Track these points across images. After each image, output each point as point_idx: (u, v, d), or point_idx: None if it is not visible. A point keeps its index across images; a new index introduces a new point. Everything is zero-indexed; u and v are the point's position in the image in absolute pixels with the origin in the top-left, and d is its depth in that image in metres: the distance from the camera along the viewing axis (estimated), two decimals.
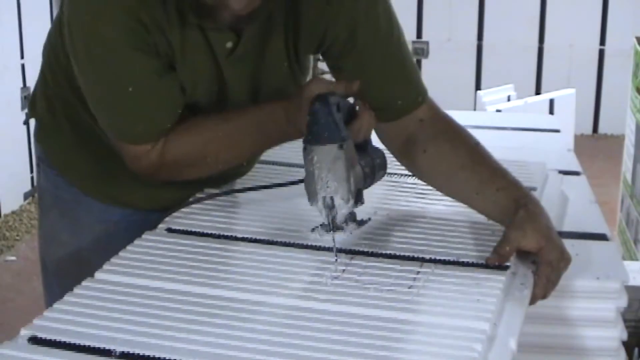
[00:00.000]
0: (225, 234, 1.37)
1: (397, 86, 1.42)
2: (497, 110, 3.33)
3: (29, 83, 3.93)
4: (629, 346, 1.50)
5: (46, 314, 1.12)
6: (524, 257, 1.29)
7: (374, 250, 1.31)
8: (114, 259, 1.27)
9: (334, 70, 1.44)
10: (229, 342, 1.05)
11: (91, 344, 1.04)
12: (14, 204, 3.94)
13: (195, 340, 1.05)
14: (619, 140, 3.82)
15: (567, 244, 1.31)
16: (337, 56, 1.41)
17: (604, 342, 1.37)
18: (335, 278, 1.22)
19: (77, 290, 1.18)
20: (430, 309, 1.16)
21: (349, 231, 1.28)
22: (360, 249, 1.31)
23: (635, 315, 1.81)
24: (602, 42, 5.01)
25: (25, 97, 3.89)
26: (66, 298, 1.16)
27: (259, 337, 1.06)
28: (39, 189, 1.63)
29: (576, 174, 1.79)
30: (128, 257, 1.28)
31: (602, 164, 4.21)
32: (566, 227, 1.51)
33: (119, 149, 1.40)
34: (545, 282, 1.26)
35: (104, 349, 1.03)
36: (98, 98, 1.36)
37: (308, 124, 1.22)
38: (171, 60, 1.34)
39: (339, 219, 1.25)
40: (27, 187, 4.02)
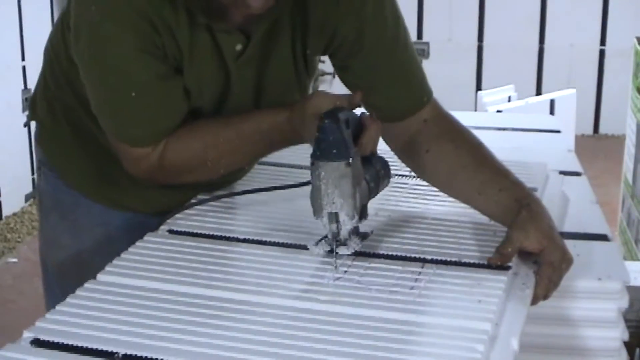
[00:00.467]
0: (227, 235, 1.38)
1: (403, 87, 1.42)
2: (497, 111, 3.33)
3: (29, 85, 3.94)
4: (630, 346, 1.50)
5: (48, 316, 1.12)
6: (525, 257, 1.29)
7: (376, 251, 1.31)
8: (115, 261, 1.27)
9: (340, 71, 1.44)
10: (232, 344, 1.05)
11: (94, 346, 1.04)
12: (15, 205, 3.94)
13: (198, 342, 1.05)
14: (619, 140, 3.82)
15: (569, 245, 1.31)
16: (345, 56, 1.41)
17: (605, 343, 1.37)
18: (337, 279, 1.22)
19: (79, 292, 1.18)
20: (432, 309, 1.16)
21: (352, 247, 1.29)
22: (362, 249, 1.31)
23: (637, 315, 1.81)
24: (602, 42, 5.00)
25: (26, 98, 3.89)
26: (68, 300, 1.16)
27: (262, 339, 1.06)
28: (40, 192, 1.62)
29: (577, 174, 1.79)
30: (130, 259, 1.28)
31: (602, 164, 4.21)
32: (567, 228, 1.51)
33: (118, 151, 1.39)
34: (547, 282, 1.26)
35: (106, 351, 1.03)
36: (101, 99, 1.36)
37: (316, 140, 1.23)
38: (178, 63, 1.33)
39: (342, 234, 1.27)
40: (28, 188, 4.02)
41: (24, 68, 3.94)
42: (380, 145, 1.33)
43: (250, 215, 1.46)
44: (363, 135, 1.26)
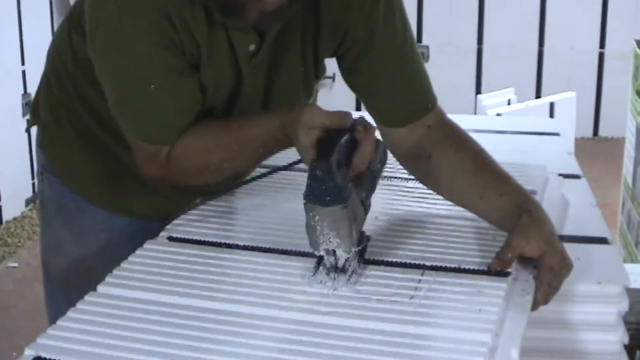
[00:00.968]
0: (226, 242, 1.37)
1: (409, 92, 1.42)
2: (497, 114, 3.33)
3: (30, 89, 3.94)
4: (630, 349, 1.50)
5: (49, 331, 1.11)
6: (525, 262, 1.29)
7: (376, 258, 1.31)
8: (116, 271, 1.26)
9: (347, 73, 1.44)
10: (233, 359, 1.05)
11: None
12: (15, 210, 3.94)
13: (199, 358, 1.05)
14: (619, 143, 3.82)
15: (568, 248, 1.31)
16: (353, 59, 1.41)
17: (605, 346, 1.37)
18: (336, 289, 1.21)
19: (79, 305, 1.17)
20: (432, 320, 1.15)
21: (350, 271, 1.24)
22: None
23: (637, 317, 1.81)
24: (602, 45, 5.01)
25: (26, 103, 3.89)
26: (69, 314, 1.15)
27: (263, 354, 1.06)
28: (42, 198, 1.61)
29: (577, 177, 1.79)
30: (130, 269, 1.27)
31: (602, 166, 4.21)
32: (567, 231, 1.51)
33: (133, 149, 1.38)
34: (547, 287, 1.26)
35: None
36: (117, 95, 1.34)
37: (309, 184, 1.17)
38: (196, 60, 1.33)
39: (340, 263, 1.23)
40: (28, 193, 4.02)
41: (24, 73, 3.95)
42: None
43: (251, 220, 1.46)
44: (355, 155, 1.22)
